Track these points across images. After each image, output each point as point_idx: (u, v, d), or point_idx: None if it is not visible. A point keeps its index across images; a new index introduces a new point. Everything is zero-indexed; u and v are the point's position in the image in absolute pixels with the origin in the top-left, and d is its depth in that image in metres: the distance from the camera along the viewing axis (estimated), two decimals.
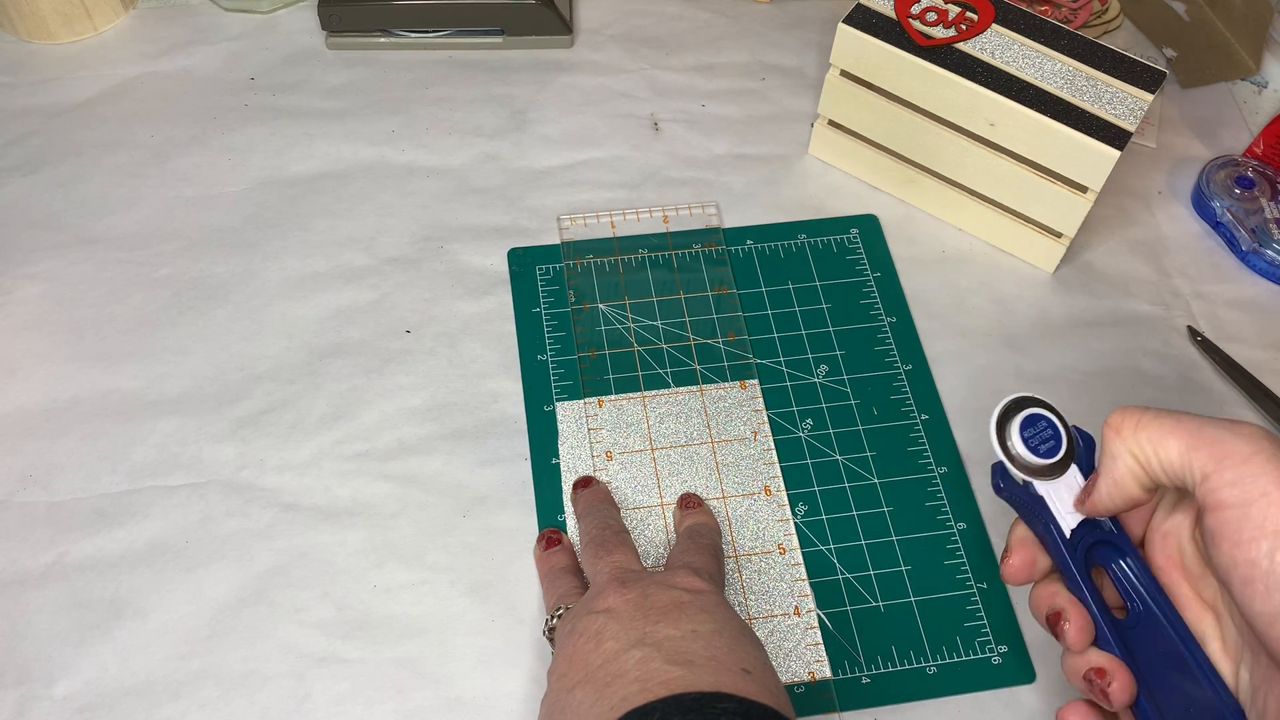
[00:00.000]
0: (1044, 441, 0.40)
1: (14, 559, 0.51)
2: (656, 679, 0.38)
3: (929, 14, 0.60)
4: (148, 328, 0.58)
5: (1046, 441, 0.40)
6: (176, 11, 0.73)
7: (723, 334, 0.59)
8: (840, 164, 0.66)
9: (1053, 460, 0.40)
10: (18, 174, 0.65)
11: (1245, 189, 0.64)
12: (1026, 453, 0.40)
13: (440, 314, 0.59)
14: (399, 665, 0.48)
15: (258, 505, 0.52)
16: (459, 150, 0.67)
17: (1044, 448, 0.40)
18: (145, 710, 0.47)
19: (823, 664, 0.48)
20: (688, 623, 0.41)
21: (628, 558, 0.47)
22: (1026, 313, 0.61)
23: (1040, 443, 0.40)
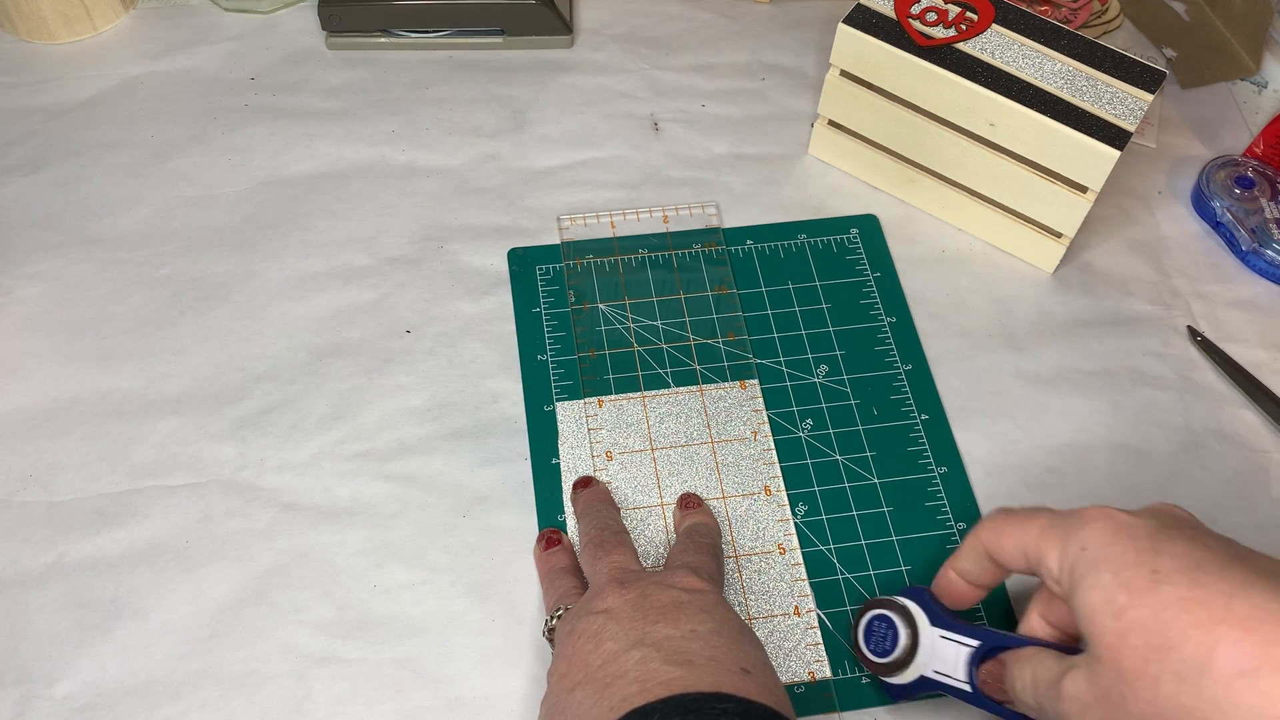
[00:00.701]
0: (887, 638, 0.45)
1: (14, 559, 0.51)
2: (656, 679, 0.38)
3: (929, 14, 0.60)
4: (148, 328, 0.58)
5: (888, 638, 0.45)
6: (176, 11, 0.73)
7: (723, 334, 0.59)
8: (840, 164, 0.66)
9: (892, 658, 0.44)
10: (18, 174, 0.65)
11: (1245, 189, 0.64)
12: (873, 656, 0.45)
13: (440, 314, 0.59)
14: (399, 665, 0.48)
15: (258, 505, 0.52)
16: (459, 150, 0.67)
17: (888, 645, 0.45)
18: (145, 710, 0.47)
19: (823, 664, 0.48)
20: (687, 622, 0.41)
21: (627, 558, 0.47)
22: (1026, 313, 0.61)
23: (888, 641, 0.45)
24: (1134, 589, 0.33)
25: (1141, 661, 0.32)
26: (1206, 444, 0.56)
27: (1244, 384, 0.57)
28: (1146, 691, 0.32)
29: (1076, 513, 0.37)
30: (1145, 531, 0.35)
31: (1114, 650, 0.33)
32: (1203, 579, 0.32)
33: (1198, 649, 0.31)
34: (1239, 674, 0.30)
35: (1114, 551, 0.35)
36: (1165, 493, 0.54)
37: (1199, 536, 0.34)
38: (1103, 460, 0.55)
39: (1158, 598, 0.32)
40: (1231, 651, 0.30)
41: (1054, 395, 0.57)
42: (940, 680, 0.43)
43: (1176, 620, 0.32)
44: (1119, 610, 0.33)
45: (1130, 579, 0.33)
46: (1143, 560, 0.34)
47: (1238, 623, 0.31)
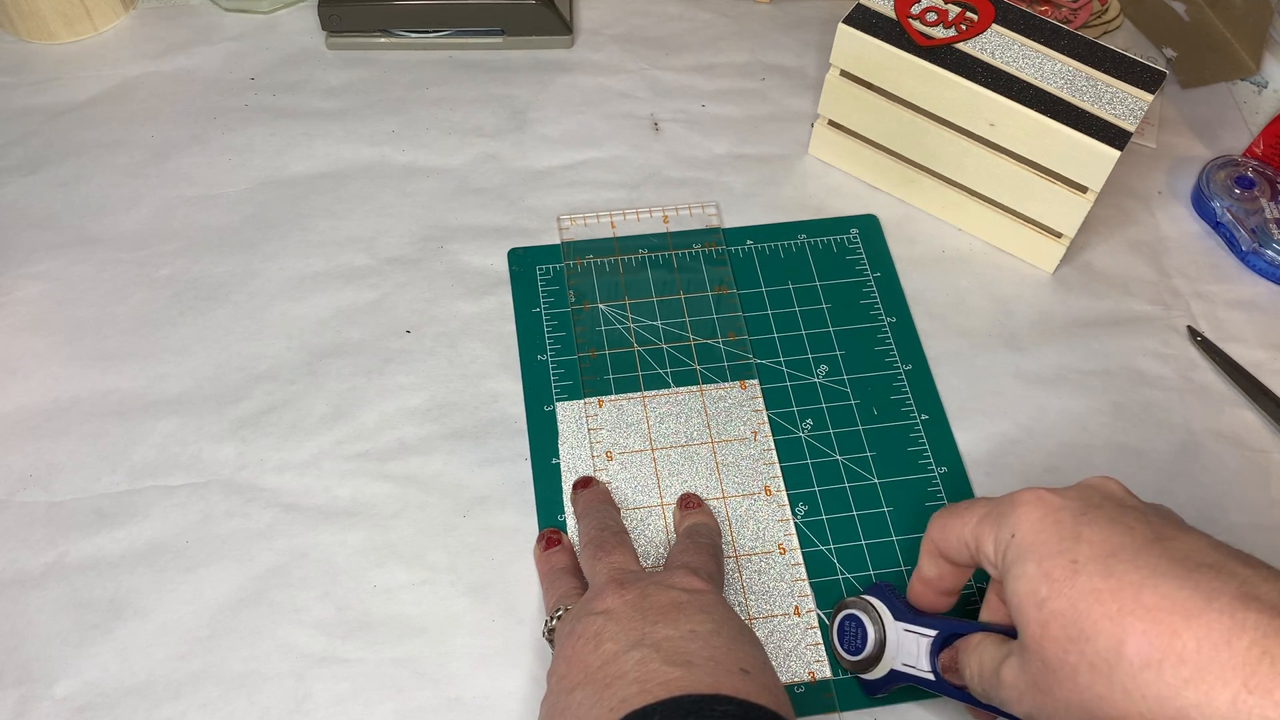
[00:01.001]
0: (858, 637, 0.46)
1: (14, 559, 0.51)
2: (655, 680, 0.38)
3: (929, 14, 0.60)
4: (148, 328, 0.58)
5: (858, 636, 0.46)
6: (176, 11, 0.73)
7: (723, 334, 0.59)
8: (840, 164, 0.66)
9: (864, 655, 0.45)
10: (18, 174, 0.65)
11: (1245, 189, 0.64)
12: (846, 654, 0.46)
13: (440, 314, 0.59)
14: (399, 665, 0.48)
15: (258, 505, 0.52)
16: (459, 150, 0.67)
17: (858, 643, 0.46)
18: (145, 710, 0.47)
19: (823, 664, 0.48)
20: (686, 623, 0.41)
21: (626, 558, 0.47)
22: (1026, 313, 0.61)
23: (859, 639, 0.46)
24: (1054, 580, 0.34)
25: (1062, 652, 0.33)
26: (1206, 444, 0.56)
27: (1244, 384, 0.57)
28: (1068, 681, 0.33)
29: (1009, 497, 0.38)
30: (1070, 515, 0.35)
31: (1038, 641, 0.34)
32: (1117, 568, 0.32)
33: (1109, 641, 0.31)
34: (1145, 665, 0.30)
35: (1039, 539, 0.35)
36: (1165, 493, 0.54)
37: (1122, 517, 0.34)
38: (1103, 460, 0.55)
39: (1075, 588, 0.33)
40: (1139, 643, 0.31)
41: (1054, 395, 0.57)
42: (907, 672, 0.45)
43: (1090, 612, 0.32)
44: (1041, 601, 0.34)
45: (1051, 569, 0.34)
46: (1064, 549, 0.34)
47: (1145, 614, 0.31)
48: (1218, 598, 0.30)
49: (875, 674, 0.46)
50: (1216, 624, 0.30)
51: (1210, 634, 0.30)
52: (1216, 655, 0.29)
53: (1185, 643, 0.30)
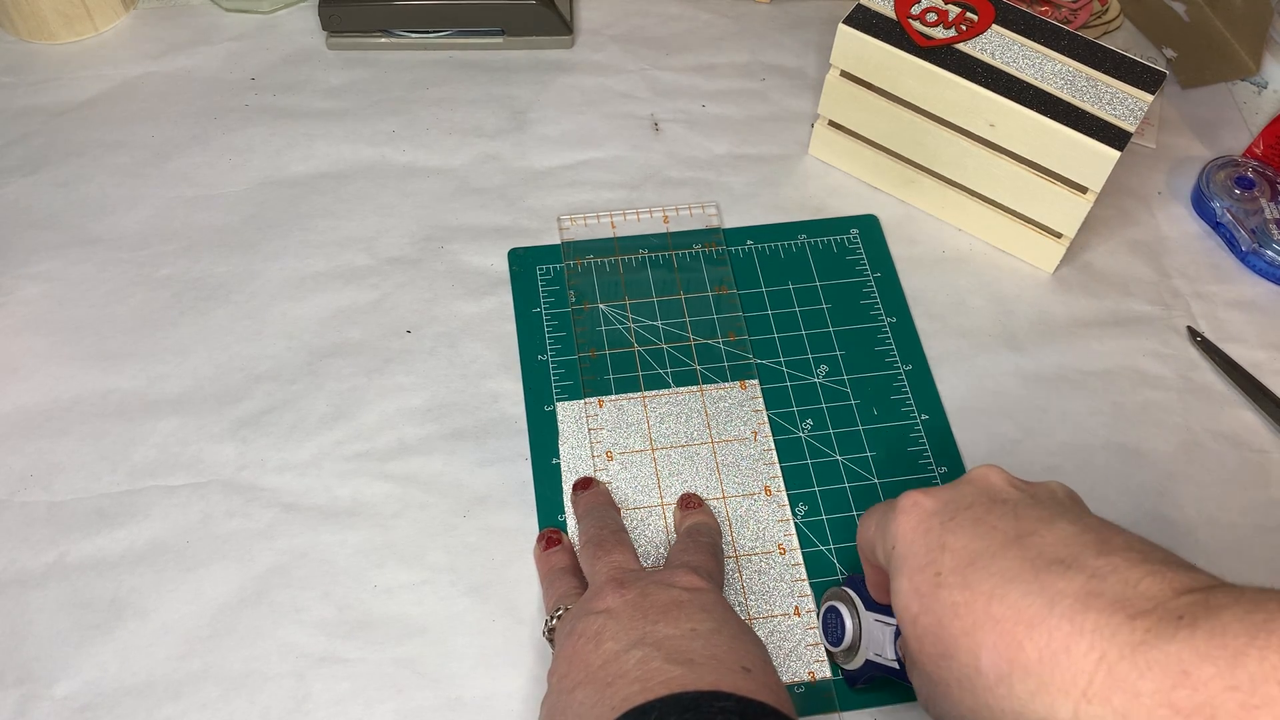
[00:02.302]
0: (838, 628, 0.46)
1: (14, 559, 0.51)
2: (657, 678, 0.38)
3: (929, 14, 0.60)
4: (148, 328, 0.58)
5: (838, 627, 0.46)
6: (177, 11, 0.73)
7: (723, 334, 0.59)
8: (840, 164, 0.66)
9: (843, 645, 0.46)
10: (18, 174, 0.65)
11: (1245, 189, 0.64)
12: (829, 645, 0.47)
13: (440, 314, 0.59)
14: (399, 665, 0.48)
15: (258, 505, 0.52)
16: (459, 150, 0.67)
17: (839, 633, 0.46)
18: (146, 710, 0.47)
19: (823, 664, 0.48)
20: (687, 621, 0.41)
21: (626, 557, 0.47)
22: (1026, 313, 0.61)
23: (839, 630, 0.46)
24: (922, 595, 0.33)
25: (935, 668, 0.33)
26: (1206, 444, 0.56)
27: (1244, 384, 0.57)
28: (944, 694, 0.33)
29: (894, 503, 0.37)
30: (939, 522, 0.34)
31: (916, 655, 0.34)
32: (973, 577, 0.32)
33: (968, 657, 0.31)
34: (998, 680, 0.30)
35: (911, 551, 0.35)
36: (1165, 493, 0.54)
37: (988, 516, 0.34)
38: (1103, 460, 0.55)
39: (939, 604, 0.33)
40: (990, 657, 0.30)
41: (1054, 395, 0.57)
42: (878, 662, 0.45)
43: (950, 627, 0.32)
44: (913, 618, 0.34)
45: (920, 585, 0.34)
46: (930, 560, 0.34)
47: (994, 626, 0.30)
48: (1060, 601, 0.29)
49: (853, 665, 0.46)
50: (1056, 631, 0.29)
51: (1050, 643, 0.29)
52: (1057, 665, 0.28)
53: (1029, 654, 0.29)
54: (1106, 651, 0.28)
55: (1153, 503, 0.54)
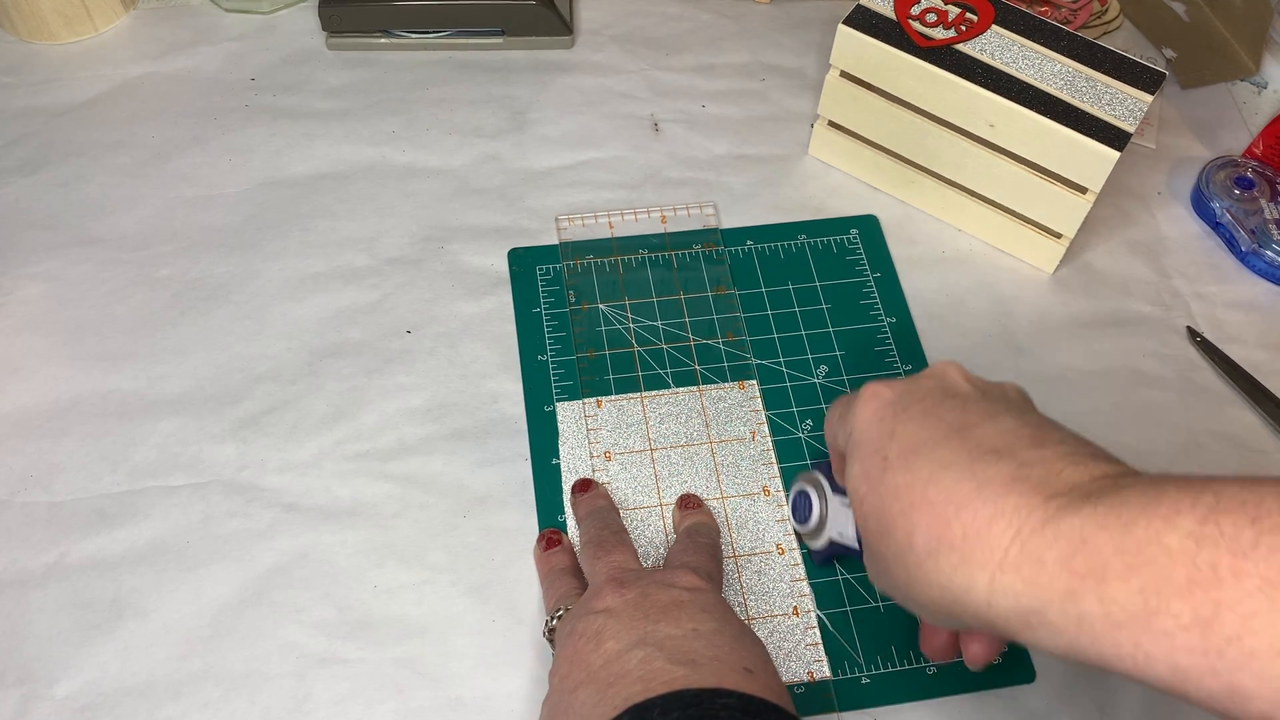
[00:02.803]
0: (806, 509, 0.48)
1: (14, 559, 0.51)
2: (659, 678, 0.38)
3: (929, 15, 0.60)
4: (148, 328, 0.58)
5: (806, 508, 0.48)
6: (177, 12, 0.73)
7: (722, 334, 0.59)
8: (840, 164, 0.66)
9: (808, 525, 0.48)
10: (18, 174, 0.65)
11: (1245, 189, 0.64)
12: (797, 525, 0.50)
13: (440, 314, 0.59)
14: (399, 665, 0.48)
15: (258, 505, 0.52)
16: (459, 150, 0.67)
17: (806, 514, 0.48)
18: (146, 710, 0.47)
19: (822, 664, 0.49)
20: (688, 621, 0.41)
21: (626, 557, 0.47)
22: (1026, 313, 0.61)
23: (806, 511, 0.48)
24: (870, 477, 0.36)
25: (878, 544, 0.36)
26: (1206, 444, 0.56)
27: (1244, 384, 0.57)
28: (886, 569, 0.36)
29: (857, 392, 0.39)
30: (893, 411, 0.37)
31: (864, 532, 0.37)
32: (915, 463, 0.34)
33: (903, 534, 0.34)
34: (927, 554, 0.33)
35: (865, 437, 0.37)
36: None
37: (937, 409, 0.36)
38: None
39: (884, 485, 0.35)
40: (923, 535, 0.33)
41: (1054, 395, 0.57)
42: (841, 542, 0.47)
43: (891, 507, 0.35)
44: (861, 499, 0.37)
45: (869, 468, 0.36)
46: (880, 446, 0.36)
47: (928, 508, 0.33)
48: (988, 485, 0.32)
49: (818, 544, 0.48)
50: (981, 511, 0.32)
51: (975, 521, 0.32)
52: (979, 541, 0.31)
53: (955, 532, 0.32)
54: (1021, 528, 0.31)
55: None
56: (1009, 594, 0.31)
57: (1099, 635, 0.29)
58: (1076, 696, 0.48)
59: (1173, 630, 0.27)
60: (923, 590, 0.33)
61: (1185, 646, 0.27)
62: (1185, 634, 0.27)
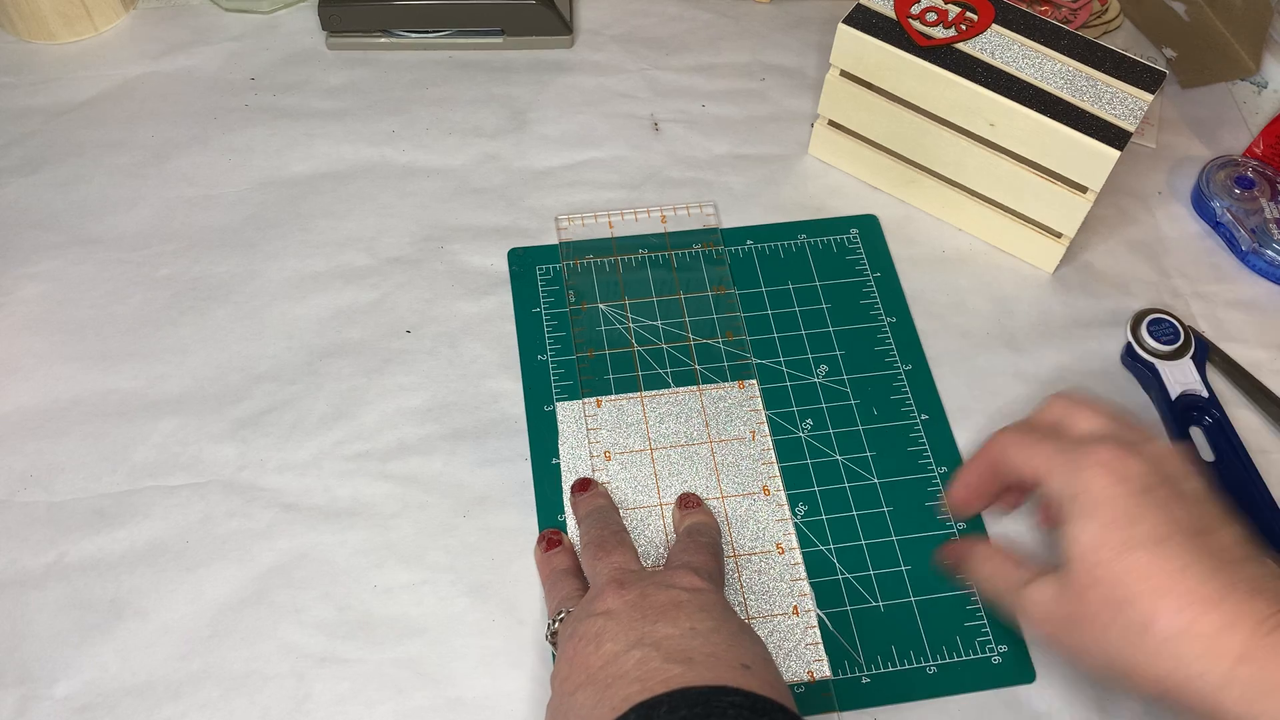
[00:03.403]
0: (1165, 336, 0.56)
1: (14, 559, 0.51)
2: (656, 678, 0.38)
3: (929, 14, 0.60)
4: (148, 328, 0.58)
5: (1167, 335, 0.56)
6: (177, 11, 0.73)
7: (722, 334, 0.59)
8: (840, 164, 0.66)
9: (1172, 348, 0.56)
10: (18, 174, 0.65)
11: (1245, 189, 0.64)
12: (1152, 341, 0.56)
13: (440, 314, 0.59)
14: (399, 665, 0.48)
15: (258, 505, 0.52)
16: (459, 150, 0.67)
17: (1164, 339, 0.56)
18: (146, 710, 0.47)
19: (822, 664, 0.48)
20: (686, 621, 0.41)
21: (626, 558, 0.47)
22: (1026, 313, 0.61)
23: (1163, 336, 0.56)
24: (1111, 547, 0.39)
25: (1101, 607, 0.39)
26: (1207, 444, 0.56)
27: (1244, 384, 0.57)
28: (1098, 629, 0.39)
29: (1085, 448, 0.42)
30: (1136, 489, 0.40)
31: (1083, 590, 0.40)
32: (1163, 552, 0.38)
33: (1145, 611, 0.38)
34: (1169, 637, 0.37)
35: (1106, 506, 0.40)
36: None
37: (1173, 504, 0.40)
38: None
39: (1126, 561, 0.39)
40: (1169, 619, 0.37)
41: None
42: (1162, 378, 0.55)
43: (1135, 585, 0.38)
44: (1095, 564, 0.39)
45: (1109, 538, 0.39)
46: (1124, 524, 0.39)
47: (1178, 597, 0.37)
48: (1235, 589, 0.37)
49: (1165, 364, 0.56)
50: (1230, 612, 0.36)
51: (1223, 619, 0.36)
52: (1223, 636, 0.36)
53: (1204, 625, 0.37)
54: (1257, 629, 0.36)
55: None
56: (1241, 682, 0.36)
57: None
58: (1076, 696, 0.48)
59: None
60: (1146, 663, 0.38)
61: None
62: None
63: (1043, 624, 0.42)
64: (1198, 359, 0.57)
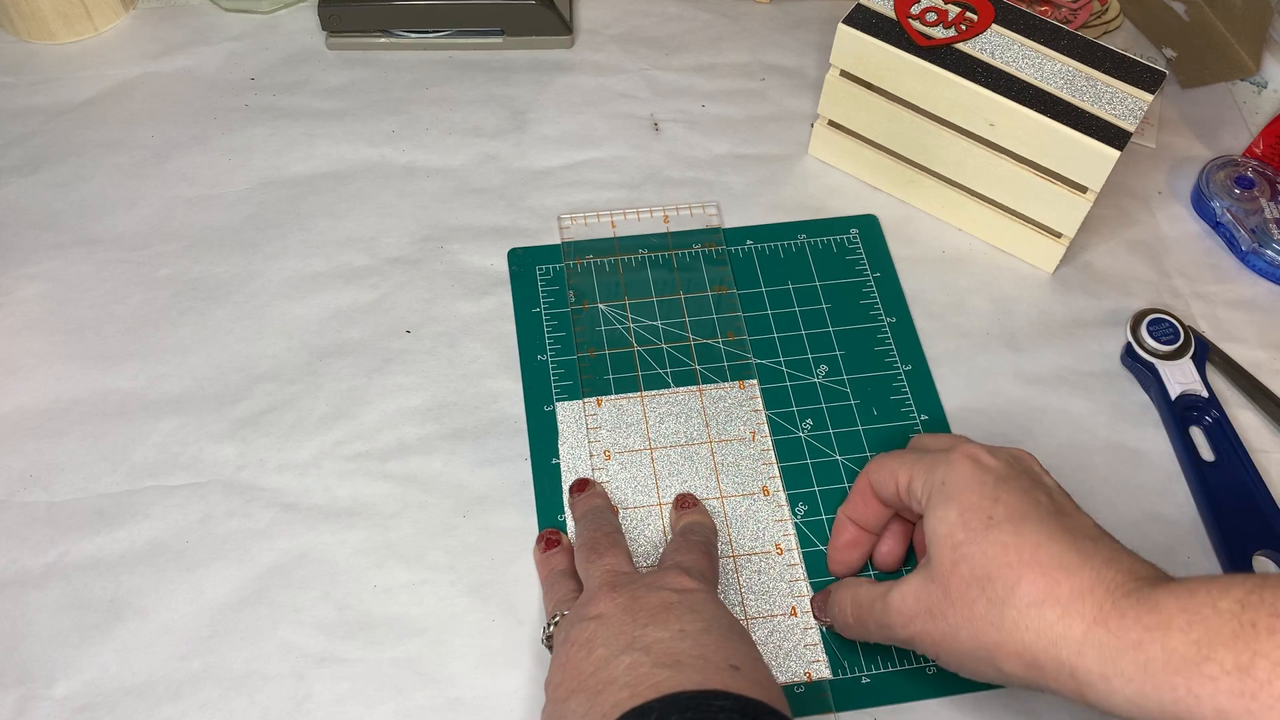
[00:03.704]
0: (1165, 335, 0.56)
1: (14, 559, 0.51)
2: (645, 683, 0.38)
3: (929, 14, 0.60)
4: (148, 328, 0.58)
5: (1167, 335, 0.56)
6: (176, 11, 0.74)
7: (722, 334, 0.59)
8: (840, 164, 0.66)
9: (1172, 348, 0.56)
10: (18, 174, 0.65)
11: (1245, 189, 0.64)
12: (1152, 341, 0.57)
13: (440, 314, 0.59)
14: (399, 665, 0.48)
15: (258, 505, 0.52)
16: (459, 150, 0.67)
17: (1165, 339, 0.56)
18: (145, 710, 0.47)
19: (820, 664, 0.48)
20: (676, 623, 0.41)
21: (619, 560, 0.47)
22: (1026, 313, 0.61)
23: (1163, 336, 0.56)
24: (971, 529, 0.41)
25: (964, 587, 0.40)
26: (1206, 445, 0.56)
27: (1244, 384, 0.57)
28: (964, 610, 0.40)
29: (947, 452, 0.44)
30: (993, 478, 0.42)
31: (945, 575, 0.41)
32: (1024, 529, 0.40)
33: (1006, 583, 0.39)
34: (1031, 604, 0.38)
35: (965, 491, 0.42)
36: (1165, 493, 0.54)
37: (1032, 490, 0.42)
38: (1102, 460, 0.55)
39: (987, 540, 0.40)
40: (1030, 588, 0.38)
41: (1053, 395, 0.57)
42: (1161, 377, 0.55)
43: (996, 559, 0.40)
44: (957, 545, 0.41)
45: (970, 520, 0.41)
46: (983, 506, 0.41)
47: (1039, 567, 0.39)
48: (1091, 560, 0.39)
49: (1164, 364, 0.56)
50: (1086, 578, 0.38)
51: (1080, 585, 0.38)
52: (1081, 600, 0.38)
53: (1063, 590, 0.38)
54: (1113, 593, 0.37)
55: (1152, 503, 0.54)
56: (1096, 644, 0.37)
57: (1160, 681, 0.35)
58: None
59: (1218, 675, 0.33)
60: (1011, 635, 0.39)
61: (1227, 689, 0.33)
62: (1228, 678, 0.33)
63: (910, 619, 0.42)
64: (1198, 359, 0.57)
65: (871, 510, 0.49)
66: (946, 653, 0.41)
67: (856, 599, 0.46)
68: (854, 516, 0.50)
